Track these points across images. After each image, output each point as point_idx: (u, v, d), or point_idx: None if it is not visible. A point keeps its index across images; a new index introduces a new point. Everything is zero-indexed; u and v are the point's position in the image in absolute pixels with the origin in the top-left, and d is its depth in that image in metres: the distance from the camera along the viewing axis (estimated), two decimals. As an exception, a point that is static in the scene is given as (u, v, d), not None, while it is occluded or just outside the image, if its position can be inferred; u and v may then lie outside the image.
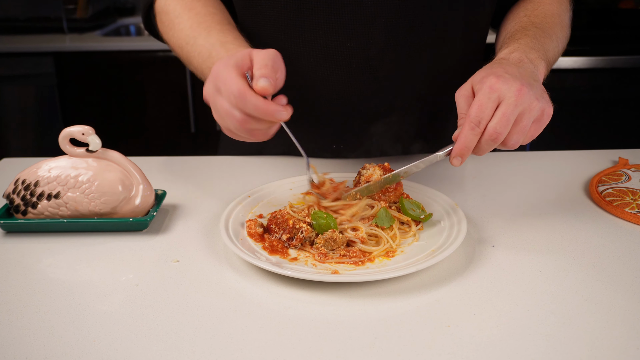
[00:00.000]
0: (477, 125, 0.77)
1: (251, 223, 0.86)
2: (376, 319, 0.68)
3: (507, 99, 0.77)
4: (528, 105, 0.78)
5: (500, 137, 0.78)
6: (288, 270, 0.73)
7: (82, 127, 0.86)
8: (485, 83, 0.79)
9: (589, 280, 0.75)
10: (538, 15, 1.03)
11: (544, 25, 0.99)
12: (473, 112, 0.78)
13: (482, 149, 0.80)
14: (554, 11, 1.05)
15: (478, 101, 0.78)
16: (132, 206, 0.88)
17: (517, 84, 0.78)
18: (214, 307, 0.71)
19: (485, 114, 0.77)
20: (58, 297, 0.73)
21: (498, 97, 0.78)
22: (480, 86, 0.79)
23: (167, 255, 0.83)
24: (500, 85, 0.78)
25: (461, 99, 0.83)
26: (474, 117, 0.77)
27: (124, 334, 0.66)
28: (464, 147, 0.79)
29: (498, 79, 0.78)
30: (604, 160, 1.14)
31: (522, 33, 0.96)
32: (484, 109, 0.77)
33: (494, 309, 0.69)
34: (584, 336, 0.65)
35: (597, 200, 0.97)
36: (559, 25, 1.03)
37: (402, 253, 0.81)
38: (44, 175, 0.87)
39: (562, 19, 1.05)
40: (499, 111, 0.77)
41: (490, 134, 0.78)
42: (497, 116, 0.77)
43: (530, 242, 0.85)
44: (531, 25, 0.99)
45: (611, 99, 2.53)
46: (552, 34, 0.99)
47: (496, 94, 0.77)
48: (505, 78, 0.79)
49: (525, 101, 0.78)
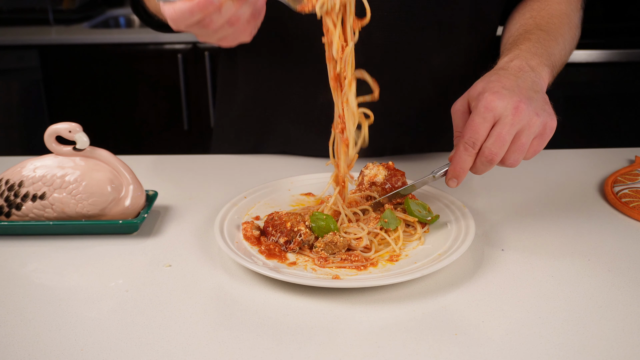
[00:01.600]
0: (471, 146, 0.79)
1: (247, 225, 0.86)
2: (379, 326, 0.68)
3: (504, 118, 0.77)
4: (527, 122, 0.78)
5: (496, 158, 0.79)
6: (286, 275, 0.74)
7: (69, 124, 0.86)
8: (480, 101, 0.79)
9: (604, 285, 0.75)
10: (544, 16, 1.02)
11: (549, 27, 0.99)
12: (467, 133, 0.78)
13: (479, 169, 0.81)
14: (562, 11, 1.04)
15: (472, 121, 0.79)
16: (121, 208, 0.88)
17: (514, 100, 0.78)
18: (208, 314, 0.71)
19: (480, 134, 0.78)
20: (44, 303, 0.73)
21: (493, 117, 0.78)
22: (475, 104, 0.80)
23: (159, 260, 0.83)
24: (496, 103, 0.78)
25: (456, 114, 0.84)
26: (468, 138, 0.78)
27: (113, 342, 0.66)
28: (460, 169, 0.80)
29: (494, 95, 0.78)
30: (619, 159, 1.14)
31: (525, 37, 0.95)
32: (479, 129, 0.78)
33: (504, 316, 0.69)
34: (599, 345, 0.65)
35: (612, 202, 0.97)
36: (566, 26, 1.02)
37: (407, 257, 0.81)
38: (29, 175, 0.87)
39: (571, 18, 1.05)
40: (494, 131, 0.78)
41: (486, 155, 0.78)
42: (493, 136, 0.78)
43: (542, 245, 0.85)
44: (535, 28, 0.98)
45: (627, 94, 2.53)
46: (559, 36, 0.98)
47: (491, 113, 0.78)
48: (501, 94, 0.78)
49: (524, 118, 0.78)
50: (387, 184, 0.90)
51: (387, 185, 0.90)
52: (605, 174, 1.08)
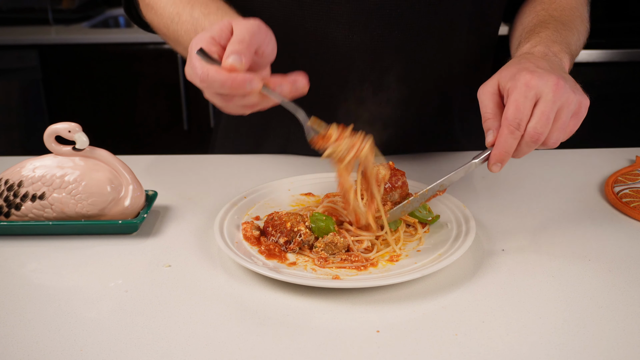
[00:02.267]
0: (517, 128, 0.76)
1: (247, 225, 0.86)
2: (379, 327, 0.68)
3: (545, 96, 0.76)
4: (566, 99, 0.77)
5: (541, 138, 0.77)
6: (286, 276, 0.74)
7: (69, 124, 0.86)
8: (519, 80, 0.77)
9: (604, 285, 0.75)
10: (557, 8, 1.02)
11: (563, 18, 0.99)
12: (511, 114, 0.76)
13: (522, 151, 0.79)
14: (572, 4, 1.04)
15: (514, 101, 0.76)
16: (121, 208, 0.89)
17: (553, 78, 0.76)
18: (207, 314, 0.71)
19: (524, 114, 0.76)
20: (43, 303, 0.73)
21: (535, 95, 0.76)
22: (513, 83, 0.77)
23: (159, 260, 0.83)
24: (536, 81, 0.76)
25: (486, 96, 0.81)
26: (513, 119, 0.76)
27: (112, 342, 0.66)
28: (504, 152, 0.77)
29: (532, 74, 0.77)
30: (620, 159, 1.14)
31: (542, 26, 0.95)
32: (522, 109, 0.76)
33: (504, 316, 0.70)
34: (600, 345, 0.65)
35: (613, 202, 0.97)
36: (579, 19, 1.02)
37: (407, 257, 0.81)
38: (28, 175, 0.87)
39: (581, 12, 1.04)
40: (537, 110, 0.76)
41: (531, 135, 0.76)
42: (537, 115, 0.76)
43: (542, 245, 0.85)
44: (550, 19, 0.98)
45: (628, 94, 2.53)
46: (573, 27, 0.98)
47: (533, 91, 0.76)
48: (539, 73, 0.77)
49: (563, 96, 0.76)
50: (387, 184, 0.90)
51: (387, 185, 0.90)
52: (605, 174, 1.08)
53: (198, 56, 0.72)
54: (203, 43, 0.73)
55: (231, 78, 0.71)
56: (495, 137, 0.78)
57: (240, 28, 0.73)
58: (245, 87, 0.71)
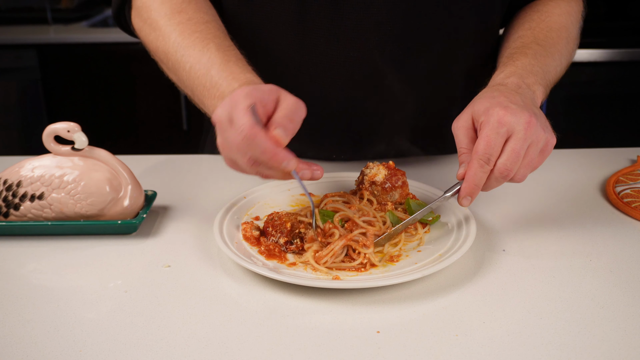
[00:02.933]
0: (486, 162, 0.77)
1: (247, 226, 0.86)
2: (380, 327, 0.68)
3: (517, 133, 0.77)
4: (536, 137, 0.78)
5: (510, 174, 0.78)
6: (286, 276, 0.74)
7: (68, 124, 0.86)
8: (492, 115, 0.78)
9: (605, 286, 0.75)
10: (543, 29, 1.02)
11: (546, 42, 0.98)
12: (481, 149, 0.77)
13: (491, 185, 0.80)
14: (562, 24, 1.04)
15: (486, 136, 0.77)
16: (120, 208, 0.88)
17: (525, 115, 0.78)
18: (207, 315, 0.71)
19: (494, 150, 0.77)
20: (42, 304, 0.73)
21: (507, 131, 0.77)
22: (486, 118, 0.78)
23: (158, 260, 0.83)
24: (509, 118, 0.77)
25: (460, 130, 0.82)
26: (483, 154, 0.77)
27: (112, 343, 0.66)
28: (473, 185, 0.79)
29: (506, 110, 0.78)
30: (621, 159, 1.14)
31: (522, 52, 0.95)
32: (493, 144, 0.77)
33: (505, 317, 0.70)
34: (601, 345, 0.65)
35: (614, 202, 0.97)
36: (564, 40, 1.02)
37: (408, 257, 0.81)
38: (27, 175, 0.87)
39: (570, 32, 1.04)
40: (508, 146, 0.77)
41: (501, 171, 0.78)
42: (507, 152, 0.77)
43: (543, 246, 0.85)
44: (533, 42, 0.98)
45: (629, 93, 2.53)
46: (555, 52, 0.98)
47: (505, 127, 0.77)
48: (512, 109, 0.78)
49: (534, 134, 0.78)
50: (387, 184, 0.90)
51: (387, 185, 0.90)
52: (607, 174, 1.08)
53: (250, 112, 0.71)
54: (254, 99, 0.73)
55: (275, 150, 0.71)
56: (465, 171, 0.79)
57: (289, 103, 0.74)
58: (281, 164, 0.72)
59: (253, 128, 0.70)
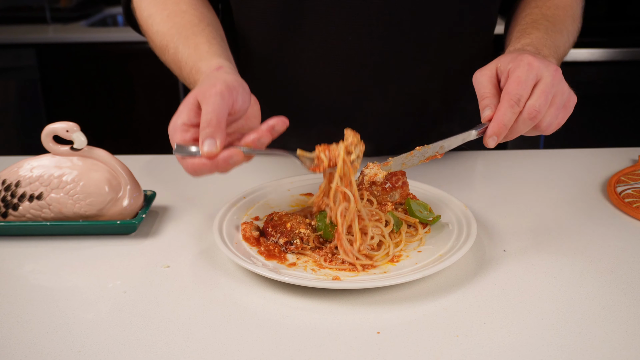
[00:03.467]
0: (516, 102, 0.78)
1: (246, 226, 0.86)
2: (380, 328, 0.68)
3: (545, 78, 0.79)
4: (561, 88, 0.80)
5: (539, 116, 0.79)
6: (286, 277, 0.74)
7: (67, 123, 0.86)
8: (522, 60, 0.80)
9: (606, 286, 0.75)
10: (550, 6, 1.03)
11: (555, 19, 1.00)
12: (512, 88, 0.78)
13: (518, 128, 0.81)
14: (566, 2, 1.06)
15: (517, 77, 0.79)
16: (119, 208, 0.88)
17: (552, 65, 0.81)
18: (206, 315, 0.71)
19: (525, 90, 0.78)
20: (41, 304, 0.73)
21: (536, 75, 0.79)
22: (516, 63, 0.80)
23: (157, 261, 0.83)
24: (537, 63, 0.80)
25: (484, 77, 0.83)
26: (514, 94, 0.78)
27: (111, 344, 0.66)
28: (502, 125, 0.79)
29: (534, 57, 0.80)
30: (622, 159, 1.14)
31: (533, 27, 0.97)
32: (524, 85, 0.78)
33: (506, 317, 0.70)
34: (601, 346, 0.65)
35: (615, 202, 0.97)
36: (570, 18, 1.04)
37: (408, 258, 0.81)
38: (26, 175, 0.87)
39: (574, 10, 1.06)
40: (537, 89, 0.79)
41: (530, 112, 0.78)
42: (537, 93, 0.79)
43: (544, 246, 0.85)
44: (542, 19, 1.00)
45: (630, 93, 2.53)
46: (563, 29, 1.00)
47: (534, 71, 0.79)
48: (540, 58, 0.81)
49: (560, 83, 0.80)
50: (387, 184, 0.90)
51: (387, 185, 0.90)
52: (608, 174, 1.08)
53: (179, 155, 0.76)
54: (177, 135, 0.77)
55: (214, 164, 0.74)
56: (493, 112, 0.80)
57: (206, 109, 0.75)
58: (229, 164, 0.75)
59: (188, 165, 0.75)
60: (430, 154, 0.83)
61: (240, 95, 0.78)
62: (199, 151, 0.74)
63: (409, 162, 0.85)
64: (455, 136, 0.83)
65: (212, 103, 0.75)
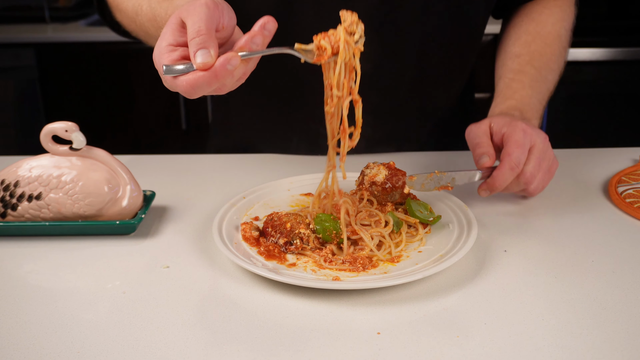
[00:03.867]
0: (516, 165, 0.86)
1: (246, 226, 0.86)
2: (380, 328, 0.68)
3: (538, 145, 0.88)
4: (549, 154, 0.91)
5: (533, 181, 0.89)
6: (286, 277, 0.74)
7: (66, 123, 0.86)
8: (517, 127, 0.88)
9: (608, 287, 0.75)
10: (539, 44, 1.07)
11: (541, 64, 1.06)
12: (513, 151, 0.86)
13: (511, 187, 0.90)
14: (556, 34, 1.09)
15: (516, 141, 0.86)
16: (118, 208, 0.88)
17: (542, 133, 0.90)
18: (206, 316, 0.71)
19: (523, 155, 0.87)
20: (39, 305, 0.73)
21: (530, 141, 0.87)
22: (511, 129, 0.88)
23: (157, 261, 0.83)
24: (531, 131, 0.88)
25: (479, 131, 0.91)
26: (515, 157, 0.86)
27: (110, 344, 0.66)
28: (499, 185, 0.88)
29: (527, 125, 0.89)
30: (623, 159, 1.14)
31: (519, 81, 1.03)
32: (523, 150, 0.86)
33: (506, 318, 0.70)
34: (603, 347, 0.65)
35: (616, 202, 0.97)
36: (558, 52, 1.09)
37: (408, 258, 0.81)
38: (25, 175, 0.87)
39: (562, 41, 1.10)
40: (532, 155, 0.88)
41: (527, 177, 0.88)
42: (532, 160, 0.88)
43: (544, 246, 0.85)
44: (529, 65, 1.05)
45: (631, 93, 2.53)
46: (549, 72, 1.06)
47: (529, 138, 0.87)
48: (531, 126, 0.90)
49: (548, 150, 0.90)
50: (387, 184, 0.90)
51: (387, 185, 0.90)
52: (609, 174, 1.08)
53: (169, 76, 0.71)
54: (164, 57, 0.72)
55: (212, 74, 0.69)
56: (491, 161, 0.89)
57: (193, 20, 0.70)
58: (227, 71, 0.69)
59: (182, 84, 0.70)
60: (444, 183, 0.90)
61: (227, 11, 0.73)
62: (192, 66, 0.68)
63: (427, 185, 0.90)
64: (464, 172, 0.91)
65: (197, 14, 0.70)
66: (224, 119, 1.30)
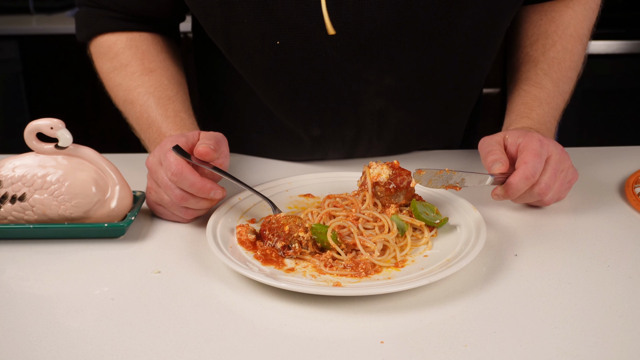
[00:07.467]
0: (532, 174, 0.87)
1: (242, 229, 0.86)
2: (383, 337, 0.68)
3: (555, 156, 0.90)
4: (567, 166, 0.93)
5: (548, 192, 0.90)
6: (284, 283, 0.74)
7: (51, 120, 0.87)
8: (532, 137, 0.90)
9: (624, 293, 0.75)
10: (558, 51, 1.08)
11: (559, 75, 1.07)
12: (532, 162, 0.87)
13: (524, 197, 0.91)
14: (577, 35, 1.10)
15: (533, 150, 0.88)
16: (107, 210, 0.89)
17: (559, 145, 0.92)
18: (199, 323, 0.71)
19: (540, 165, 0.88)
20: (23, 312, 0.73)
21: (547, 152, 0.89)
22: (527, 139, 0.90)
23: (147, 266, 0.83)
24: (547, 142, 0.90)
25: (494, 141, 0.93)
26: (532, 166, 0.87)
27: (98, 354, 0.66)
28: (513, 193, 0.88)
29: (543, 136, 0.91)
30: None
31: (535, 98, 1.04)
32: (540, 159, 0.88)
33: (517, 326, 0.70)
34: (619, 357, 0.65)
35: (633, 203, 0.97)
36: (577, 56, 1.10)
37: (413, 263, 0.81)
38: (8, 174, 0.87)
39: (584, 42, 1.11)
40: (549, 166, 0.89)
41: (542, 188, 0.89)
42: (548, 171, 0.89)
43: (557, 250, 0.85)
44: (546, 79, 1.06)
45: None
46: (567, 81, 1.08)
47: (545, 148, 0.89)
48: (548, 138, 0.92)
49: (566, 162, 0.92)
50: (391, 184, 0.90)
51: (391, 185, 0.90)
52: (626, 174, 1.08)
53: (174, 152, 0.87)
54: (178, 142, 0.89)
55: (202, 182, 0.86)
56: (504, 167, 0.89)
57: (208, 133, 0.91)
58: (209, 194, 0.87)
59: (179, 164, 0.86)
60: (452, 182, 0.90)
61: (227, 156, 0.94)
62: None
63: (434, 181, 0.90)
64: (475, 174, 0.90)
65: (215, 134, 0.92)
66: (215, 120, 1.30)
